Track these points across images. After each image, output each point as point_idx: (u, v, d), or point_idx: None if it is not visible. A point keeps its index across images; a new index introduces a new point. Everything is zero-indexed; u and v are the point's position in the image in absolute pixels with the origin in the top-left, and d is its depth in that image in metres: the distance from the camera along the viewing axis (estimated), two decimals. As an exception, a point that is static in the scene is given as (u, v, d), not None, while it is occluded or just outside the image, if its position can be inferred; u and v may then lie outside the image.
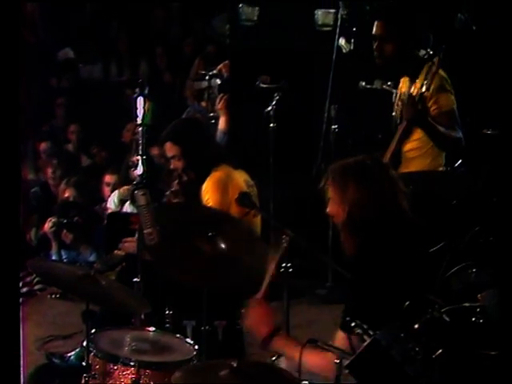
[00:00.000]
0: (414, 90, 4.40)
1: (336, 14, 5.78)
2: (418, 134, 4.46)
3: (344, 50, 5.75)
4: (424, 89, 4.23)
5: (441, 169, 4.56)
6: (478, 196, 4.13)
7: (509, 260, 2.99)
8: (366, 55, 5.58)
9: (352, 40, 5.80)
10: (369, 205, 2.97)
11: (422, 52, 4.80)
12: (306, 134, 6.05)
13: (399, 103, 4.61)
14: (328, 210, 3.07)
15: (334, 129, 5.78)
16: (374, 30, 4.50)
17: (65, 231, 5.83)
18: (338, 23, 5.66)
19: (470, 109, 6.00)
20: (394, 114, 4.67)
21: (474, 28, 6.17)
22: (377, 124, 4.97)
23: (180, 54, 8.44)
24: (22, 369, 3.16)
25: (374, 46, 4.50)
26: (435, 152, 4.51)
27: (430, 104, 4.35)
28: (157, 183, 5.61)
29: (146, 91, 3.72)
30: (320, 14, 5.98)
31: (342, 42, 5.72)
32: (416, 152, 4.49)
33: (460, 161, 4.85)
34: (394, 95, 4.72)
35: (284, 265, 4.19)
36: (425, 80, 4.26)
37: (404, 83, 4.64)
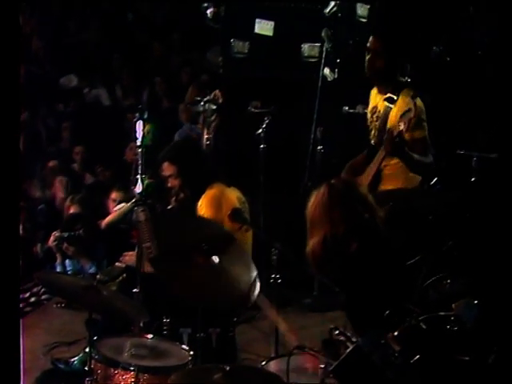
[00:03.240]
0: (392, 117, 4.41)
1: (321, 47, 5.82)
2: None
3: (329, 79, 5.78)
4: (401, 128, 4.23)
5: (417, 178, 4.57)
6: (452, 212, 4.13)
7: (481, 271, 2.99)
8: (349, 83, 5.64)
9: (336, 70, 5.84)
10: (343, 225, 2.96)
11: (401, 79, 4.84)
12: (293, 155, 6.06)
13: (374, 117, 4.64)
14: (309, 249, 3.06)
15: (320, 149, 5.78)
16: (369, 43, 4.55)
17: (66, 244, 5.79)
18: (323, 55, 5.69)
19: (444, 131, 6.04)
20: (368, 123, 4.70)
21: (448, 59, 6.22)
22: (359, 145, 4.98)
23: (177, 82, 8.52)
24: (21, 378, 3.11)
25: (367, 59, 4.53)
26: None
27: (406, 135, 4.37)
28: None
29: (146, 116, 3.73)
30: (306, 48, 6.02)
31: (326, 71, 5.75)
32: (392, 168, 4.51)
33: (436, 179, 4.86)
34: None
35: (273, 276, 4.18)
36: (402, 119, 4.25)
37: (377, 97, 4.66)
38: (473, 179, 4.97)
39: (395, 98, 4.41)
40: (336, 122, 5.91)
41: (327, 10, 5.86)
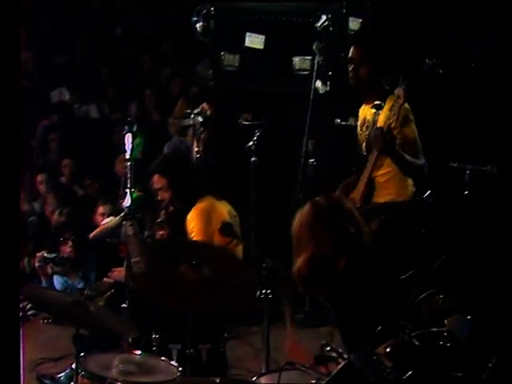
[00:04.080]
0: (381, 121, 4.44)
1: (312, 60, 5.84)
2: (385, 160, 4.50)
3: (320, 91, 5.79)
4: (391, 120, 4.28)
5: (410, 187, 4.59)
6: (445, 226, 4.14)
7: (474, 286, 2.99)
8: (340, 96, 5.66)
9: (328, 82, 5.86)
10: (328, 242, 2.95)
11: (387, 87, 4.86)
12: (285, 168, 6.06)
13: (364, 129, 4.66)
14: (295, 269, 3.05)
15: (312, 162, 5.79)
16: (351, 53, 4.62)
17: (51, 264, 5.75)
18: (315, 68, 5.72)
19: (437, 143, 6.06)
20: (358, 138, 4.71)
21: (441, 71, 6.25)
22: (351, 157, 4.99)
23: (167, 94, 8.56)
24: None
25: (350, 69, 4.59)
26: (402, 174, 4.55)
27: (395, 132, 4.39)
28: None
29: (135, 128, 3.73)
30: (297, 61, 6.05)
31: (318, 84, 5.77)
32: (385, 176, 4.52)
33: (428, 192, 4.87)
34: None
35: (264, 291, 4.16)
36: (391, 112, 4.31)
37: (365, 110, 4.68)
38: (466, 192, 4.97)
39: (382, 104, 4.44)
40: (328, 134, 5.93)
41: (319, 23, 5.89)
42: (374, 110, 4.47)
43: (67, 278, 5.94)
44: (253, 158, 5.74)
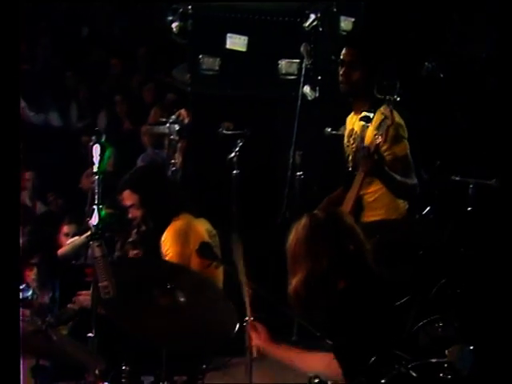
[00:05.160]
0: (368, 138, 4.45)
1: (300, 63, 5.88)
2: (374, 178, 4.52)
3: (309, 98, 5.82)
4: (379, 140, 4.27)
5: (402, 204, 4.60)
6: (446, 246, 4.16)
7: (477, 313, 3.01)
8: (331, 102, 5.69)
9: (317, 88, 5.88)
10: (327, 261, 2.97)
11: (390, 98, 4.88)
12: (270, 182, 6.08)
13: (351, 140, 4.68)
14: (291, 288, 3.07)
15: (300, 176, 5.82)
16: (342, 55, 4.62)
17: None
18: (303, 72, 5.75)
19: (437, 155, 6.10)
20: (345, 149, 4.74)
21: (442, 76, 6.31)
22: (343, 170, 5.01)
23: (140, 101, 8.57)
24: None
25: (341, 72, 4.60)
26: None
27: (384, 149, 4.41)
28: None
29: (104, 139, 3.72)
30: (283, 64, 6.09)
31: (306, 89, 5.79)
32: (374, 195, 4.55)
33: (428, 208, 4.89)
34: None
35: (247, 319, 4.16)
36: (379, 131, 4.30)
37: (353, 120, 4.71)
38: (469, 209, 5.00)
39: (371, 115, 4.45)
40: (317, 145, 5.96)
41: (307, 23, 5.94)
42: (362, 123, 4.49)
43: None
44: (235, 171, 5.75)
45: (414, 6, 6.73)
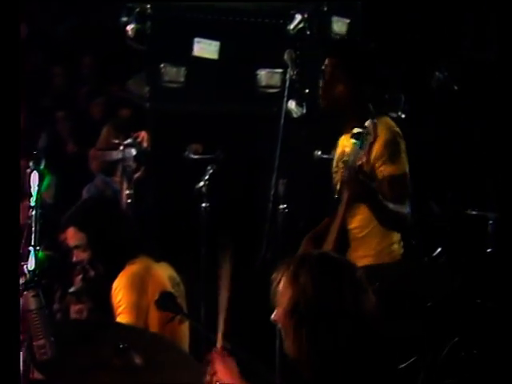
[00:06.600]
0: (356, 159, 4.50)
1: (283, 74, 5.92)
2: (360, 208, 4.56)
3: (294, 115, 5.84)
4: (361, 161, 4.31)
5: (396, 246, 4.63)
6: (458, 296, 4.18)
7: (495, 379, 3.03)
8: (321, 121, 5.73)
9: (304, 103, 5.92)
10: (319, 301, 2.99)
11: (392, 114, 4.92)
12: (247, 216, 6.10)
13: (340, 164, 4.74)
14: (274, 316, 3.09)
15: (283, 209, 5.83)
16: (324, 66, 4.73)
17: None
18: (287, 84, 5.78)
19: (450, 183, 6.14)
20: (333, 175, 4.79)
21: (456, 88, 6.37)
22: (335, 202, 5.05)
23: (87, 118, 8.58)
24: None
25: (321, 85, 4.72)
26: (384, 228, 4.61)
27: (377, 165, 4.45)
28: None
29: (43, 164, 3.73)
30: (263, 75, 6.13)
31: (291, 105, 5.81)
32: (363, 230, 4.60)
33: (439, 249, 4.92)
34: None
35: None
36: (362, 150, 4.34)
37: (345, 141, 4.77)
38: (488, 250, 5.05)
39: (365, 132, 4.49)
40: (304, 171, 5.99)
41: (292, 25, 5.99)
42: (353, 141, 4.54)
43: None
44: (204, 204, 5.76)
45: (421, 4, 6.81)
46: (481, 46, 6.77)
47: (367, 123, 4.34)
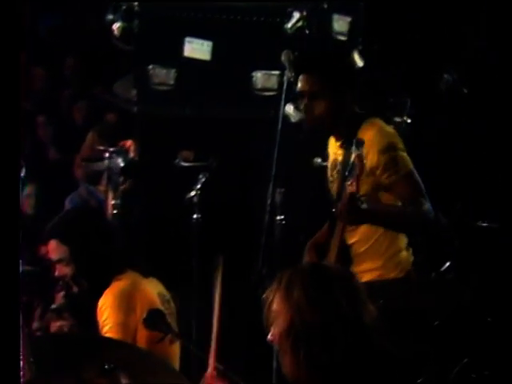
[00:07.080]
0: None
1: (281, 76, 5.93)
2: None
3: (292, 119, 5.85)
4: (351, 190, 4.26)
5: (404, 253, 4.63)
6: (468, 314, 4.19)
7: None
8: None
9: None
10: (315, 316, 3.00)
11: (397, 119, 4.92)
12: (241, 228, 6.10)
13: (334, 174, 4.75)
14: (270, 337, 3.09)
15: (280, 220, 5.83)
16: (300, 84, 4.70)
17: None
18: (284, 87, 5.79)
19: (459, 194, 6.14)
20: (329, 185, 4.80)
21: (466, 91, 6.38)
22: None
23: (70, 124, 8.59)
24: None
25: (302, 105, 4.70)
26: (388, 237, 4.60)
27: (377, 173, 4.46)
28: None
29: (23, 173, 3.74)
30: (259, 77, 6.14)
31: (289, 109, 5.82)
32: (364, 244, 4.60)
33: (447, 264, 4.92)
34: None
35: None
36: (349, 177, 4.30)
37: (334, 149, 4.78)
38: (499, 264, 5.05)
39: (361, 140, 4.46)
40: (303, 180, 5.99)
41: (290, 24, 6.00)
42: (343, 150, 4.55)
43: None
44: (195, 215, 5.76)
45: (429, 2, 6.82)
46: (492, 47, 6.78)
47: (352, 157, 4.28)
